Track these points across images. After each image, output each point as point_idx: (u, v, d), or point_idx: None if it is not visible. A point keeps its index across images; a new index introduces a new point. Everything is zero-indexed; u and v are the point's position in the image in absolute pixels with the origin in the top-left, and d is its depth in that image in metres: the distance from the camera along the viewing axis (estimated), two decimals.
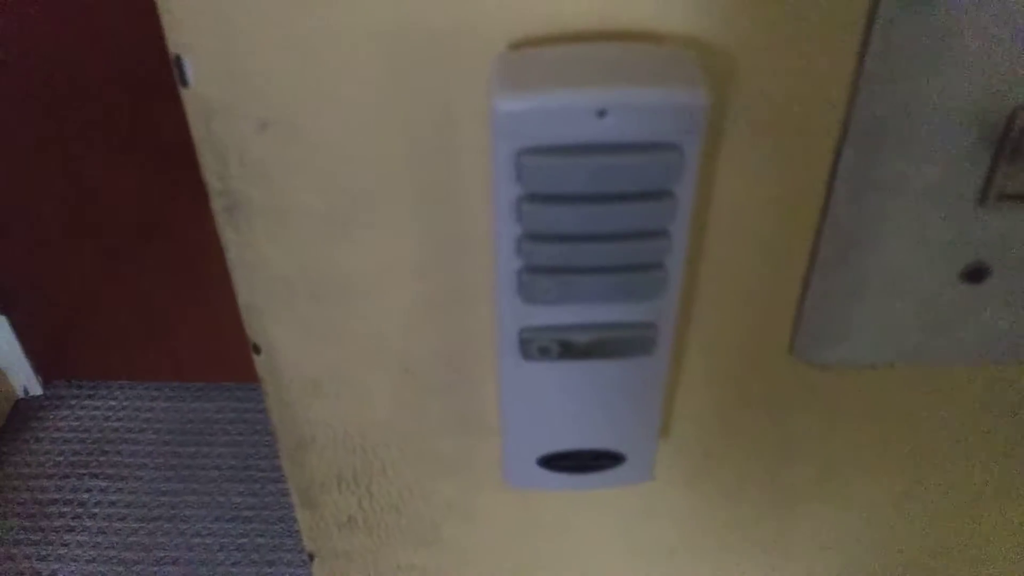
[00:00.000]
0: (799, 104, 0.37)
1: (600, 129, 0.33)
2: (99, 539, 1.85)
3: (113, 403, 2.07)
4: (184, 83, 0.36)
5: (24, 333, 1.95)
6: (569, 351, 0.39)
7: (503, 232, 0.36)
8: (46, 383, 2.06)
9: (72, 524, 1.87)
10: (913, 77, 0.36)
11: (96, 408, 2.07)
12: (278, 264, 0.41)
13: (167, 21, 0.35)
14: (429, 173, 0.39)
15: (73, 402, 2.07)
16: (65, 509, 1.89)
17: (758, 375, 0.46)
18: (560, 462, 0.45)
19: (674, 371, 0.45)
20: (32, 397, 2.05)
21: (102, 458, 1.98)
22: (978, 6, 0.34)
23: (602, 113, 0.32)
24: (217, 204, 0.39)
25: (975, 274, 0.42)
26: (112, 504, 1.90)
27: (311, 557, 0.54)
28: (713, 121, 0.37)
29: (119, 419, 2.05)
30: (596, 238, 0.36)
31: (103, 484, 1.93)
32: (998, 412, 0.48)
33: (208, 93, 0.36)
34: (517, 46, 0.35)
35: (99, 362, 2.06)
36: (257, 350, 0.44)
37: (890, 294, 0.43)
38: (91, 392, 2.10)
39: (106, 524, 1.87)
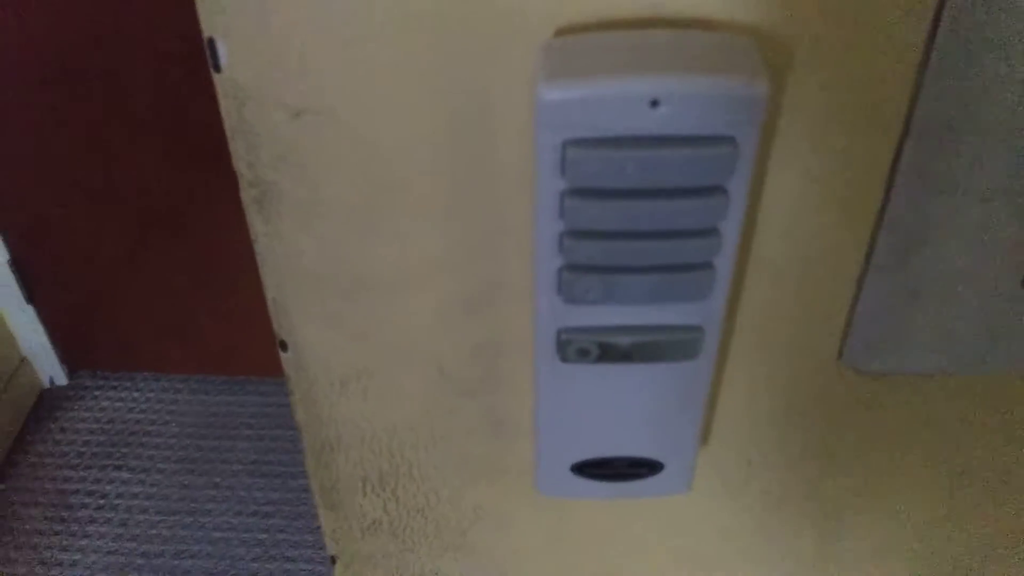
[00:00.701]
0: (859, 98, 0.35)
1: (652, 120, 0.31)
2: (120, 531, 1.85)
3: (137, 395, 2.08)
4: (217, 68, 0.35)
5: (50, 323, 1.96)
6: (609, 354, 0.38)
7: (544, 228, 0.34)
8: (71, 373, 2.07)
9: (95, 515, 1.88)
10: (981, 72, 0.34)
11: (120, 400, 2.07)
12: (309, 258, 0.39)
13: (201, 2, 0.33)
14: (469, 166, 0.37)
15: (98, 393, 2.08)
16: (88, 500, 1.89)
17: (805, 382, 0.44)
18: (595, 470, 0.43)
19: (716, 376, 0.43)
20: (57, 387, 2.05)
21: (125, 450, 1.98)
22: None
23: (655, 103, 0.31)
24: (247, 194, 0.38)
25: None
26: (134, 496, 1.90)
27: (333, 560, 0.52)
28: (769, 114, 0.35)
29: (143, 411, 2.05)
30: (643, 236, 0.34)
31: (126, 476, 1.93)
32: None
33: (241, 78, 0.35)
34: (565, 33, 0.34)
35: (124, 354, 2.06)
36: (284, 347, 0.42)
37: (948, 300, 0.41)
38: (116, 384, 2.10)
39: (128, 516, 1.87)
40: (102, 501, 1.88)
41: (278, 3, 0.33)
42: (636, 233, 0.34)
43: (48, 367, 2.03)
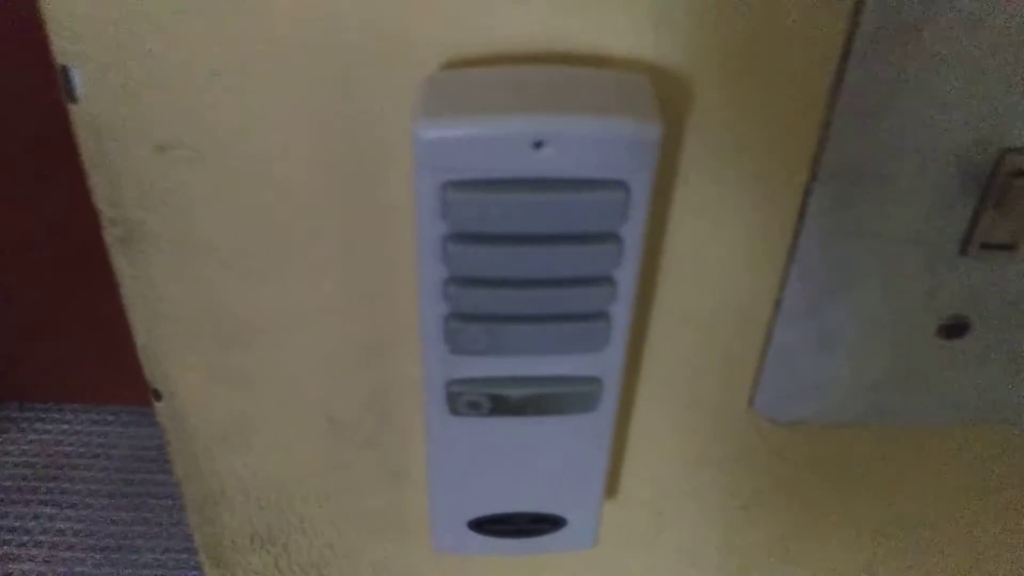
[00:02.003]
0: (765, 140, 0.33)
1: (536, 162, 0.29)
2: (44, 568, 1.78)
3: (65, 427, 2.01)
4: (72, 98, 0.32)
5: None
6: (502, 407, 0.35)
7: (427, 275, 0.32)
8: None
9: (16, 552, 1.80)
10: (891, 114, 0.33)
11: (47, 432, 1.99)
12: (180, 303, 0.36)
13: (53, 27, 0.31)
14: (356, 206, 0.34)
15: (24, 425, 2.00)
16: (9, 536, 1.81)
17: (716, 432, 0.42)
18: (494, 526, 0.40)
19: (622, 426, 0.41)
20: None
21: (51, 484, 1.91)
22: (966, 35, 0.31)
23: (539, 144, 0.28)
24: (110, 234, 0.35)
25: (954, 329, 0.38)
26: (60, 532, 1.83)
27: None
28: (668, 156, 0.33)
29: (71, 444, 1.98)
30: (531, 284, 0.31)
31: (51, 511, 1.86)
32: (975, 476, 0.45)
33: (99, 110, 0.32)
34: (452, 67, 0.31)
35: (52, 384, 1.99)
36: (158, 396, 0.39)
37: (861, 348, 0.39)
38: (43, 415, 2.03)
39: (52, 553, 1.80)
40: (25, 537, 1.81)
41: (138, 29, 0.30)
42: (524, 281, 0.31)
43: None
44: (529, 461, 0.38)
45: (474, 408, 0.35)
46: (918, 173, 0.34)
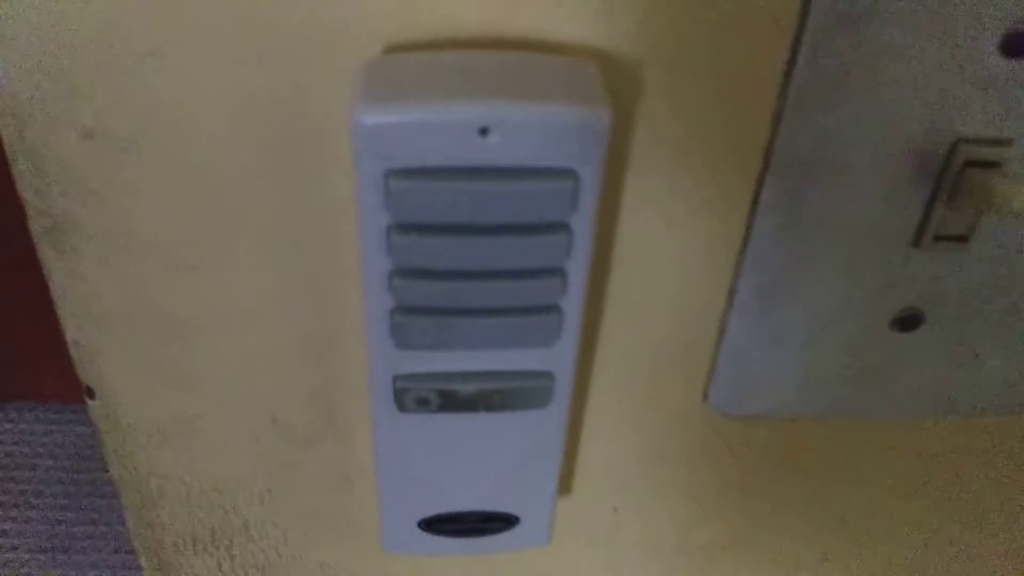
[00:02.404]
0: (716, 129, 0.32)
1: (482, 149, 0.28)
2: None
3: (9, 426, 1.95)
4: None
5: None
6: (451, 403, 0.34)
7: (372, 266, 0.31)
8: None
9: None
10: (843, 103, 0.32)
11: None
12: (112, 298, 0.35)
13: None
14: (297, 195, 0.33)
15: None
16: None
17: (671, 427, 0.41)
18: (444, 525, 0.39)
19: (576, 421, 0.40)
20: None
21: None
22: (918, 24, 0.30)
23: (484, 131, 0.27)
24: (36, 225, 0.33)
25: (907, 321, 0.38)
26: (3, 534, 1.78)
27: None
28: (617, 145, 0.32)
29: (14, 443, 1.93)
30: (478, 275, 0.30)
31: None
32: (930, 468, 0.45)
33: (21, 94, 0.30)
34: (393, 51, 0.30)
35: None
36: (91, 394, 0.38)
37: (815, 342, 0.38)
38: None
39: None
40: None
41: (62, 5, 0.29)
42: (471, 272, 0.30)
43: None
44: (480, 459, 0.37)
45: (422, 404, 0.34)
46: (871, 164, 0.34)
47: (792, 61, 0.31)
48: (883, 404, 0.41)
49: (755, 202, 0.34)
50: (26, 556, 1.76)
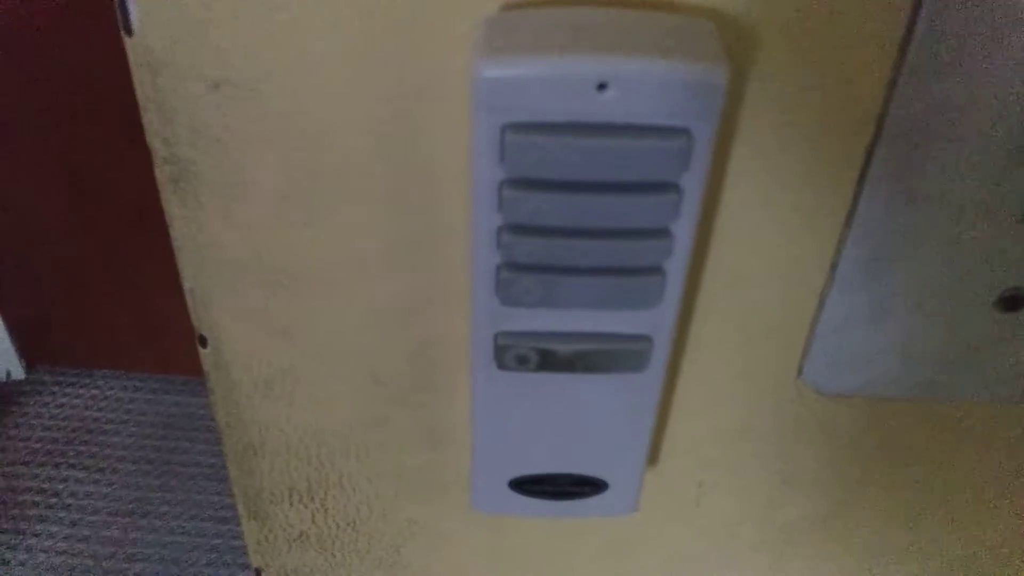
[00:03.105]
0: (829, 95, 0.32)
1: (599, 105, 0.28)
2: (71, 531, 1.80)
3: (96, 392, 2.03)
4: (128, 30, 0.31)
5: (9, 316, 1.91)
6: (550, 362, 0.35)
7: (481, 222, 0.31)
8: (29, 368, 2.02)
9: (45, 514, 1.83)
10: (960, 73, 0.32)
11: (78, 396, 2.02)
12: (230, 246, 0.36)
13: None
14: (408, 153, 0.34)
15: (55, 388, 2.02)
16: (38, 499, 1.84)
17: (762, 402, 0.41)
18: (534, 486, 0.40)
19: (668, 391, 0.40)
20: (14, 381, 2.00)
21: (81, 448, 1.93)
22: None
23: (602, 86, 0.28)
24: (162, 173, 0.34)
25: (1013, 301, 0.37)
26: (87, 496, 1.85)
27: (258, 573, 0.49)
28: (730, 107, 0.32)
29: (100, 409, 2.00)
30: (587, 234, 0.31)
31: (79, 475, 1.88)
32: None
33: (155, 43, 0.32)
34: (511, 7, 0.31)
35: (84, 349, 2.01)
36: (203, 342, 0.39)
37: (915, 320, 0.38)
38: (74, 380, 2.05)
39: (79, 516, 1.82)
40: (53, 500, 1.83)
41: None
42: (580, 231, 0.31)
43: (5, 360, 1.98)
44: (574, 421, 0.38)
45: (522, 362, 0.35)
46: (984, 136, 0.33)
47: (911, 24, 0.31)
48: (982, 387, 0.40)
49: (864, 172, 0.34)
50: (108, 519, 1.82)
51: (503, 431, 0.38)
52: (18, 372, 2.00)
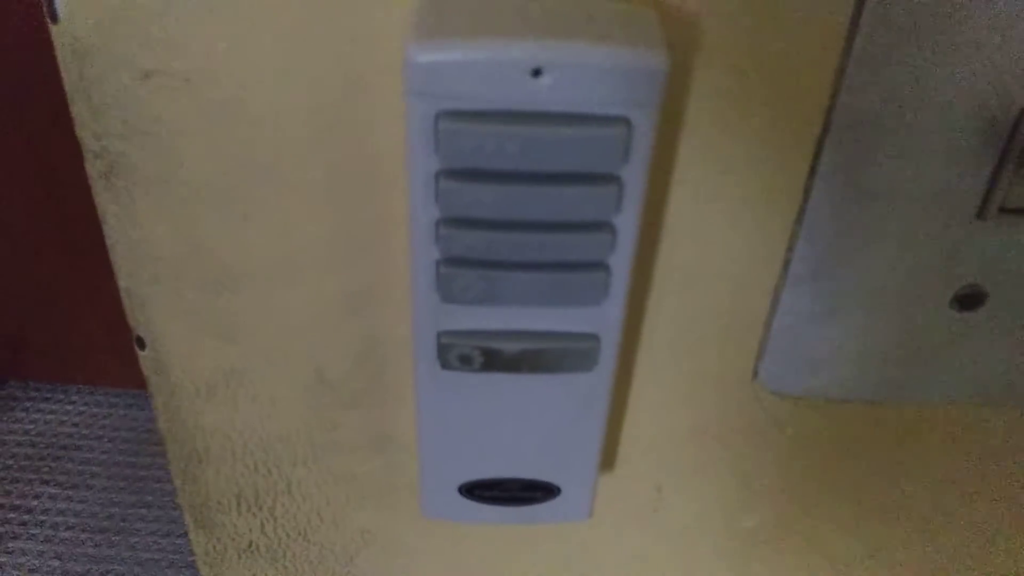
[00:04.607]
0: (776, 86, 0.32)
1: (534, 92, 0.27)
2: (43, 547, 1.77)
3: (69, 408, 2.00)
4: (54, 18, 0.30)
5: None
6: (495, 362, 0.34)
7: (419, 215, 0.30)
8: (1, 383, 1.99)
9: (17, 531, 1.79)
10: (909, 63, 0.31)
11: (52, 412, 1.99)
12: (165, 244, 0.35)
13: None
14: (347, 143, 0.33)
15: (28, 404, 1.99)
16: (11, 515, 1.81)
17: (718, 403, 0.40)
18: (485, 492, 0.39)
19: (620, 392, 0.40)
20: None
21: (53, 464, 1.90)
22: None
23: (537, 72, 0.27)
24: (93, 167, 0.33)
25: (969, 299, 0.37)
26: (60, 513, 1.82)
27: None
28: (673, 97, 0.31)
29: (74, 425, 1.97)
30: (526, 227, 0.30)
31: (53, 491, 1.85)
32: (989, 460, 0.43)
33: (82, 31, 0.31)
34: None
35: (58, 365, 1.98)
36: (141, 344, 0.38)
37: (870, 318, 0.37)
38: (48, 395, 2.02)
39: (52, 533, 1.79)
40: (26, 516, 1.80)
41: None
42: (519, 223, 0.30)
43: None
44: (523, 423, 0.37)
45: (466, 362, 0.34)
46: (935, 129, 0.33)
47: (857, 15, 0.30)
48: (940, 387, 0.40)
49: (815, 166, 0.33)
50: (83, 536, 1.79)
51: (450, 434, 0.37)
52: None
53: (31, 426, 1.96)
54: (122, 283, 0.36)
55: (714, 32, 0.30)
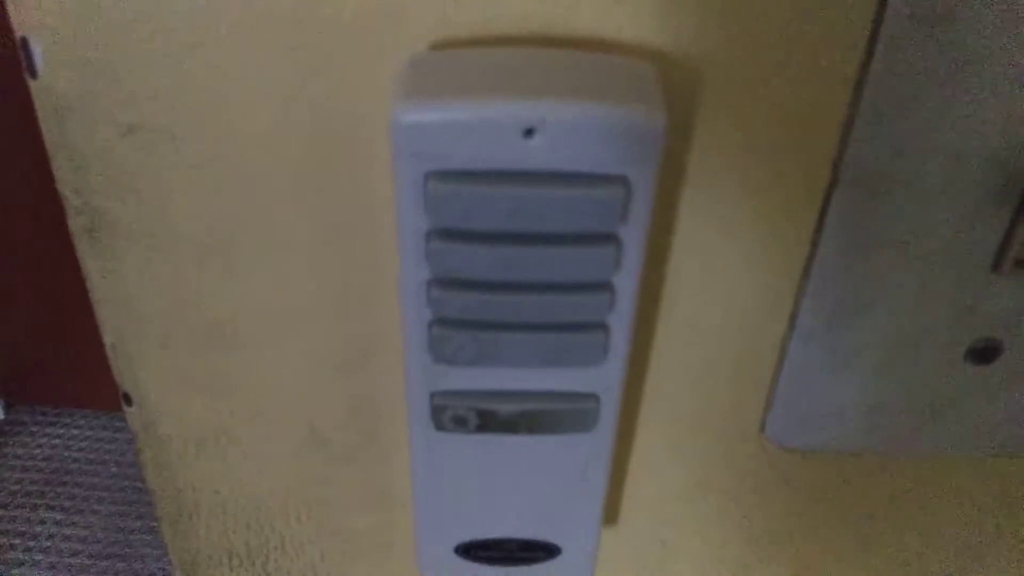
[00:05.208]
0: (781, 139, 0.30)
1: (527, 152, 0.26)
2: (50, 574, 1.77)
3: (76, 432, 1.99)
4: (33, 74, 0.30)
5: None
6: (490, 423, 0.32)
7: (410, 275, 0.29)
8: (8, 408, 1.99)
9: (23, 557, 1.79)
10: (919, 113, 0.30)
11: (58, 437, 1.98)
12: (151, 300, 0.34)
13: None
14: (337, 199, 0.32)
15: (34, 429, 1.99)
16: (16, 541, 1.80)
17: (725, 458, 0.39)
18: (483, 552, 0.37)
19: (623, 449, 0.38)
20: None
21: (59, 489, 1.90)
22: (1001, 26, 0.28)
23: (529, 132, 0.26)
24: (75, 223, 0.32)
25: (984, 353, 0.35)
26: (66, 538, 1.81)
27: None
28: (673, 154, 0.30)
29: (80, 450, 1.97)
30: (521, 288, 0.29)
31: (58, 516, 1.85)
32: (1005, 514, 0.41)
33: (61, 87, 0.30)
34: (441, 47, 0.29)
35: (65, 390, 1.98)
36: (128, 400, 0.37)
37: (882, 372, 0.36)
38: (54, 420, 2.02)
39: (57, 559, 1.78)
40: (32, 543, 1.79)
41: None
42: (512, 285, 0.29)
43: None
44: (521, 483, 0.35)
45: (460, 424, 0.33)
46: (947, 180, 0.31)
47: (866, 65, 0.29)
48: (954, 441, 0.38)
49: (821, 218, 0.32)
50: (87, 561, 1.78)
51: (445, 494, 0.35)
52: None
53: (37, 451, 1.96)
54: (107, 340, 0.35)
55: (716, 84, 0.29)
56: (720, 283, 0.34)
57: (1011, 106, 0.30)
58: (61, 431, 2.00)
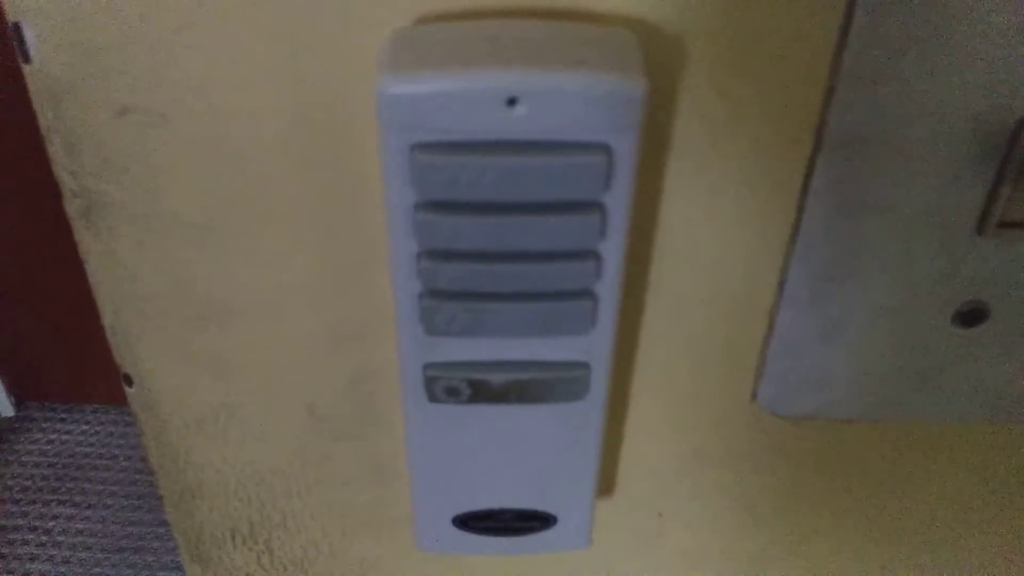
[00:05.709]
0: (764, 105, 0.31)
1: (510, 122, 0.27)
2: (63, 569, 1.78)
3: (86, 427, 2.01)
4: (26, 58, 0.30)
5: None
6: (483, 393, 0.33)
7: (399, 248, 0.30)
8: (19, 404, 2.00)
9: (36, 552, 1.80)
10: (900, 77, 0.30)
11: (68, 432, 2.00)
12: (148, 280, 0.35)
13: None
14: (328, 175, 0.32)
15: (45, 425, 2.01)
16: (29, 536, 1.82)
17: (718, 426, 0.40)
18: (479, 523, 0.38)
19: (617, 419, 0.39)
20: (3, 419, 1.98)
21: (71, 484, 1.91)
22: None
23: (512, 101, 0.26)
24: (71, 206, 0.33)
25: (971, 316, 0.36)
26: (78, 532, 1.83)
27: None
28: (657, 120, 0.31)
29: (91, 444, 1.98)
30: (509, 257, 0.29)
31: (70, 511, 1.86)
32: (994, 478, 0.42)
33: (55, 71, 0.30)
34: (426, 20, 0.29)
35: (74, 385, 1.99)
36: (129, 381, 0.37)
37: (870, 337, 0.36)
38: (64, 416, 2.03)
39: (70, 553, 1.80)
40: (44, 537, 1.81)
41: None
42: (501, 254, 0.29)
43: None
44: (515, 453, 0.36)
45: (453, 394, 0.33)
46: (930, 143, 0.32)
47: (846, 27, 0.29)
48: (943, 405, 0.39)
49: (806, 185, 0.33)
50: (100, 555, 1.80)
51: (441, 466, 0.36)
52: (7, 409, 1.98)
53: (48, 447, 1.97)
54: (107, 321, 0.36)
55: (697, 51, 0.30)
56: (708, 251, 0.34)
57: (992, 67, 0.30)
58: (71, 427, 2.01)
